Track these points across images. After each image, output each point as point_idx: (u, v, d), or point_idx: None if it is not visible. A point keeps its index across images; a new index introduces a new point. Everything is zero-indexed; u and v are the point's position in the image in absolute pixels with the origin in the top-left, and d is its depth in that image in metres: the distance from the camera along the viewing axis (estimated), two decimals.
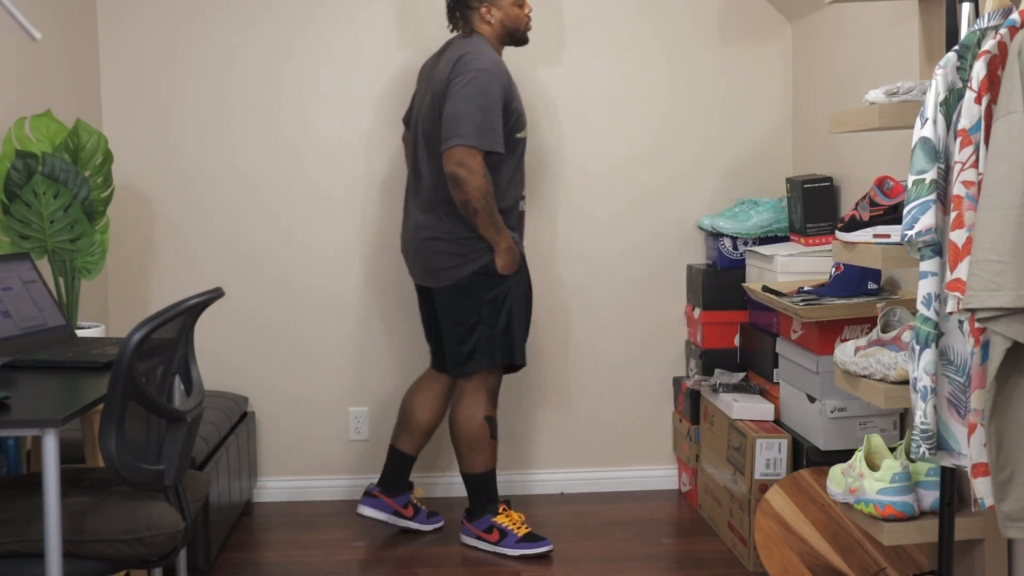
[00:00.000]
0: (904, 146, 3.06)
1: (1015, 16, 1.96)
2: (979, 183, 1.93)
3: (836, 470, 2.57)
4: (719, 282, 3.88)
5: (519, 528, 3.52)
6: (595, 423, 4.19)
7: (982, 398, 1.97)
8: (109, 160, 3.22)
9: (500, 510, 3.56)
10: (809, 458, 3.20)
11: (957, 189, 1.96)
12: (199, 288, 4.02)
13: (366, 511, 3.67)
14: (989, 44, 1.96)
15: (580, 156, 4.11)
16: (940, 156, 2.06)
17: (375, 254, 4.08)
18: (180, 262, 4.05)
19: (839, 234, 2.51)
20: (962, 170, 1.96)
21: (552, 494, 4.15)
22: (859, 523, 2.49)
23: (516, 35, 3.53)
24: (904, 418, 3.18)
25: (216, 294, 2.35)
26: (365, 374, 4.12)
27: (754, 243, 3.82)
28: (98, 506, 2.18)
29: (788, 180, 3.78)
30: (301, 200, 4.06)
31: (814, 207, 3.61)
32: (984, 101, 1.95)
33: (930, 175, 2.06)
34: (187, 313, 2.27)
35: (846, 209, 3.56)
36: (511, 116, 3.43)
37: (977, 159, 1.95)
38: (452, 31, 3.56)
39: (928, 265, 2.08)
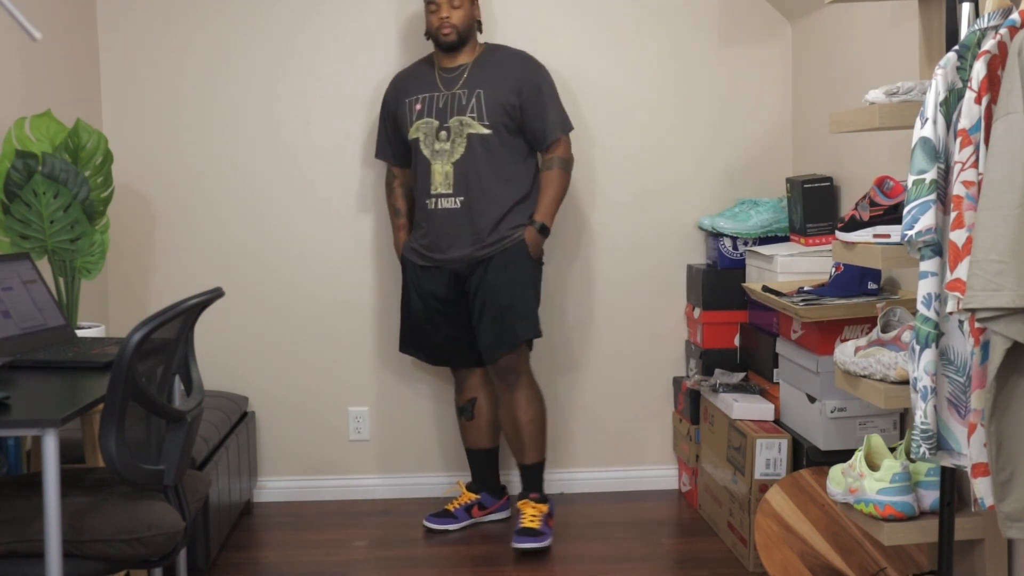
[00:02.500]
0: (904, 146, 3.06)
1: (1015, 16, 1.96)
2: (979, 183, 1.93)
3: (836, 470, 2.57)
4: (719, 282, 3.88)
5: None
6: (595, 423, 4.19)
7: (982, 398, 1.97)
8: (109, 160, 3.22)
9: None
10: (809, 458, 3.20)
11: (957, 189, 1.96)
12: (199, 288, 4.02)
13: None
14: (989, 44, 1.96)
15: (580, 156, 4.10)
16: (940, 156, 2.06)
17: (376, 254, 4.08)
18: (180, 262, 4.05)
19: (839, 234, 2.51)
20: (962, 170, 1.96)
21: (552, 494, 4.14)
22: (859, 523, 2.49)
23: (430, 36, 3.66)
24: (904, 418, 3.18)
25: (216, 294, 2.35)
26: (365, 374, 4.13)
27: (754, 243, 3.82)
28: (98, 506, 2.18)
29: (788, 180, 3.78)
30: (301, 200, 4.06)
31: (814, 207, 3.61)
32: (984, 101, 1.95)
33: (930, 175, 2.06)
34: (187, 313, 2.27)
35: (846, 209, 3.56)
36: (395, 122, 3.76)
37: (977, 159, 1.95)
38: None
39: (928, 265, 2.08)
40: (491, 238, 3.59)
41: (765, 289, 3.36)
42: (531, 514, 3.60)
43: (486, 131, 3.57)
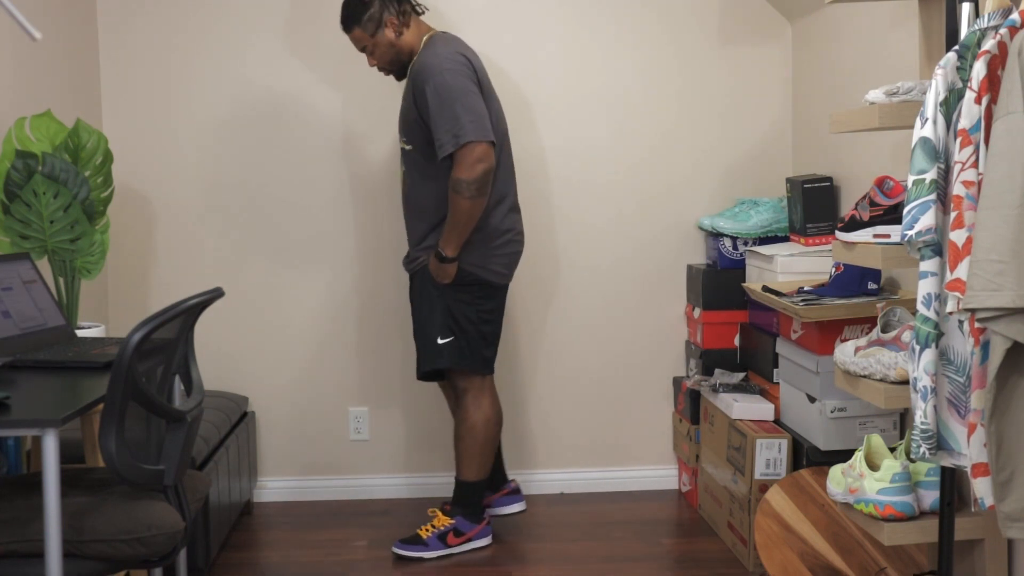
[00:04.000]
0: (904, 146, 3.06)
1: (1015, 16, 1.96)
2: (979, 183, 1.93)
3: (836, 470, 2.57)
4: (719, 282, 3.88)
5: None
6: (595, 423, 4.19)
7: (982, 398, 1.97)
8: (109, 160, 3.23)
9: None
10: (809, 458, 3.20)
11: (957, 189, 1.96)
12: (199, 288, 4.02)
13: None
14: (989, 44, 1.96)
15: (580, 156, 4.11)
16: (940, 156, 2.06)
17: (375, 254, 4.08)
18: (180, 262, 4.05)
19: (839, 234, 2.51)
20: (962, 170, 1.96)
21: (552, 494, 4.15)
22: (859, 523, 2.49)
23: None
24: (904, 418, 3.18)
25: (216, 294, 2.35)
26: (365, 374, 4.13)
27: (754, 243, 3.82)
28: (98, 506, 2.18)
29: (788, 180, 3.78)
30: (301, 200, 4.06)
31: (814, 207, 3.61)
32: (984, 101, 1.95)
33: (930, 175, 2.06)
34: (187, 313, 2.27)
35: (846, 209, 3.56)
36: None
37: (977, 159, 1.95)
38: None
39: (928, 265, 2.08)
40: (412, 255, 3.53)
41: (765, 289, 3.36)
42: (429, 524, 3.55)
43: (407, 146, 3.46)
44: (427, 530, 3.52)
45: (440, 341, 3.46)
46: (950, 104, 2.06)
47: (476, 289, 3.45)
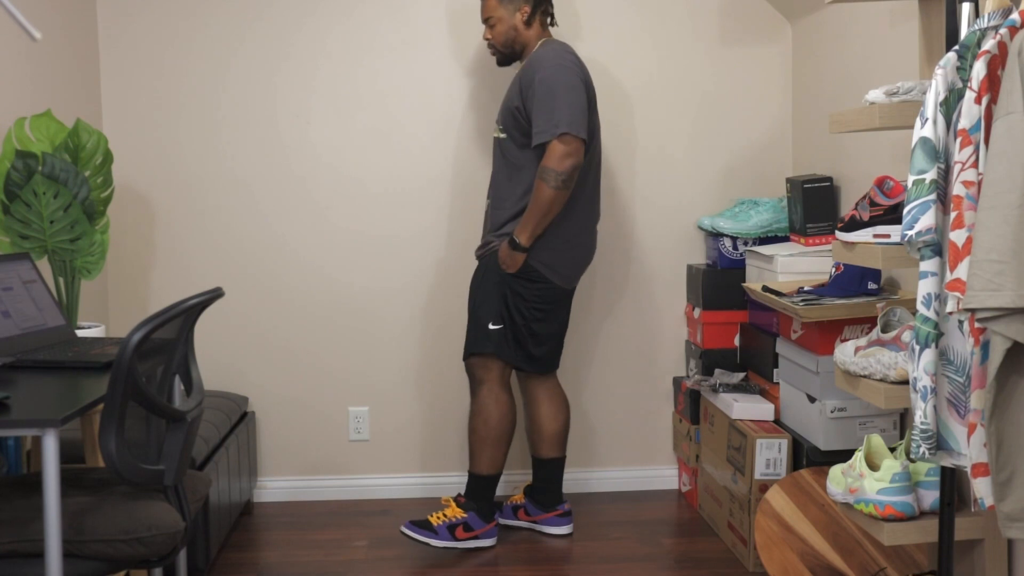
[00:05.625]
0: (904, 146, 3.06)
1: (1015, 16, 1.96)
2: (979, 183, 1.93)
3: (836, 470, 2.57)
4: (719, 282, 3.88)
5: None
6: (595, 423, 4.19)
7: (982, 398, 1.97)
8: (109, 160, 3.23)
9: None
10: (809, 458, 3.20)
11: (957, 189, 1.96)
12: (199, 288, 4.02)
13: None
14: (989, 44, 1.96)
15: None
16: (940, 156, 2.06)
17: (375, 254, 4.08)
18: (180, 262, 4.05)
19: (839, 234, 2.51)
20: (962, 170, 1.96)
21: None
22: (859, 523, 2.49)
23: None
24: (904, 418, 3.18)
25: (216, 294, 2.35)
26: (365, 374, 4.13)
27: (754, 243, 3.82)
28: (98, 506, 2.18)
29: (788, 180, 3.78)
30: (301, 200, 4.06)
31: (814, 207, 3.61)
32: (984, 101, 1.95)
33: (930, 175, 2.06)
34: (187, 313, 2.27)
35: (846, 209, 3.56)
36: None
37: (977, 159, 1.95)
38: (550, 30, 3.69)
39: (928, 265, 2.09)
40: (485, 240, 3.61)
41: (765, 289, 3.36)
42: (441, 512, 3.56)
43: (502, 135, 3.56)
44: (439, 518, 3.55)
45: (491, 327, 3.53)
46: (950, 104, 2.06)
47: (536, 287, 3.51)
